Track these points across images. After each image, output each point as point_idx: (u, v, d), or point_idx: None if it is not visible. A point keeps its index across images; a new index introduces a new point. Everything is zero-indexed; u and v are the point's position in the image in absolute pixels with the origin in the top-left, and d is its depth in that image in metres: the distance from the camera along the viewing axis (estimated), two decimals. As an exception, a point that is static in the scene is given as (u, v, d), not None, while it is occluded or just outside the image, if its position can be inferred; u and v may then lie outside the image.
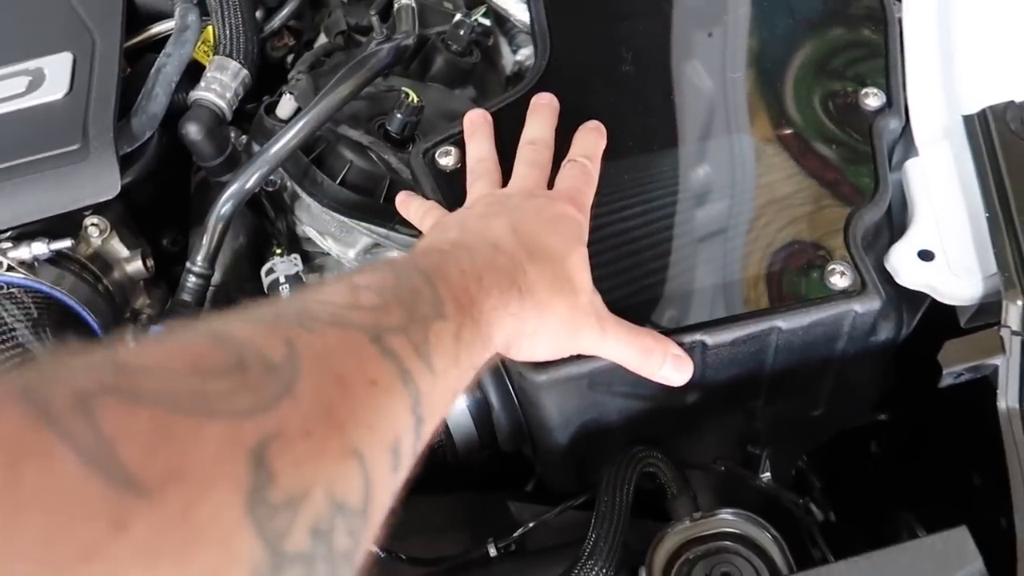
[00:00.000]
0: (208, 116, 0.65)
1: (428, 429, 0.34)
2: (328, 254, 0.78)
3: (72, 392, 0.23)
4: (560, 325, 0.47)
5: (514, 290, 0.44)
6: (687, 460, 0.60)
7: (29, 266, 0.58)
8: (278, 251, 0.75)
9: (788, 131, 0.60)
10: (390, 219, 0.72)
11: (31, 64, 0.62)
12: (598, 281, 0.52)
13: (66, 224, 0.62)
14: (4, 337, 0.54)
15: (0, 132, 0.59)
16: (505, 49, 0.98)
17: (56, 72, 0.61)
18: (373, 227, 0.72)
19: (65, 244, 0.58)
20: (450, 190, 0.58)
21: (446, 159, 0.59)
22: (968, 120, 0.59)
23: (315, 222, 0.74)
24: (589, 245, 0.52)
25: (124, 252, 0.67)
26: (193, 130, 0.64)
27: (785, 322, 0.53)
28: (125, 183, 0.58)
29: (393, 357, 0.33)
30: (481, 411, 0.58)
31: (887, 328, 0.58)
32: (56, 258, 0.60)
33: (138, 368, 0.25)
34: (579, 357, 0.51)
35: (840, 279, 0.53)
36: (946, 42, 0.62)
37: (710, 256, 0.56)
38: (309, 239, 0.77)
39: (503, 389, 0.57)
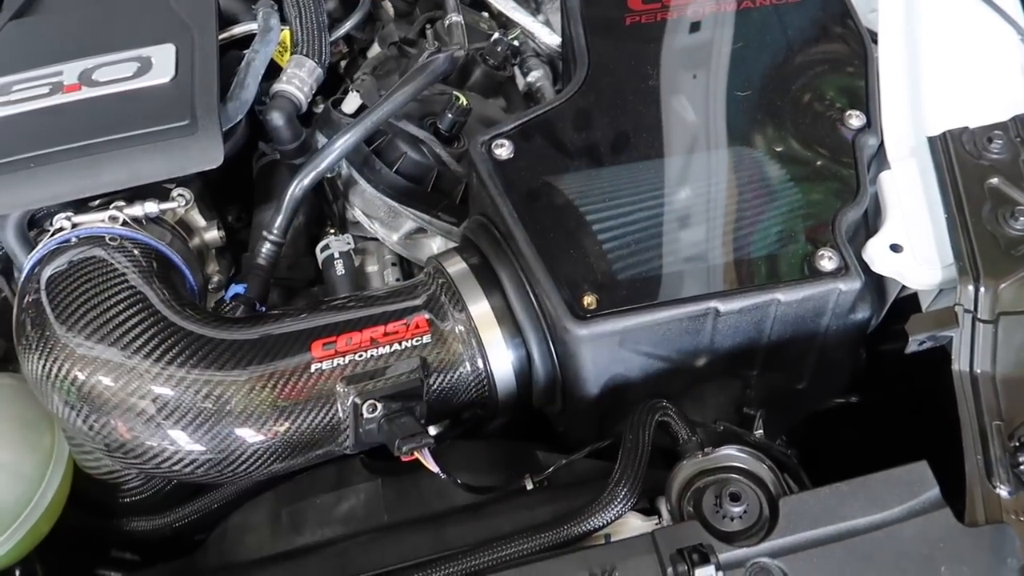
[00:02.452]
0: (289, 106, 0.75)
1: None
2: (373, 239, 0.87)
3: None
4: None
5: None
6: (692, 420, 0.70)
7: (138, 223, 0.66)
8: (331, 231, 0.84)
9: (785, 142, 0.71)
10: (434, 206, 0.83)
11: (138, 52, 0.71)
12: (626, 258, 0.63)
13: (157, 193, 0.71)
14: (119, 281, 0.62)
15: (116, 108, 0.67)
16: (517, 71, 1.10)
17: (162, 60, 0.70)
18: (419, 212, 0.83)
19: (172, 205, 0.67)
20: (503, 176, 0.68)
21: (500, 150, 0.69)
22: (932, 141, 0.71)
23: (367, 206, 0.84)
24: (621, 227, 0.63)
25: (202, 222, 0.75)
26: (276, 116, 0.74)
27: (784, 295, 0.64)
28: (220, 157, 0.67)
29: None
30: (522, 369, 0.68)
31: (864, 308, 0.69)
32: (154, 220, 0.69)
33: None
34: (616, 314, 0.61)
35: (828, 263, 0.64)
36: (914, 77, 0.75)
37: (719, 241, 0.67)
38: (357, 224, 0.86)
39: (544, 348, 0.66)
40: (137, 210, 0.66)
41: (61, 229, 0.64)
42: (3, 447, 0.61)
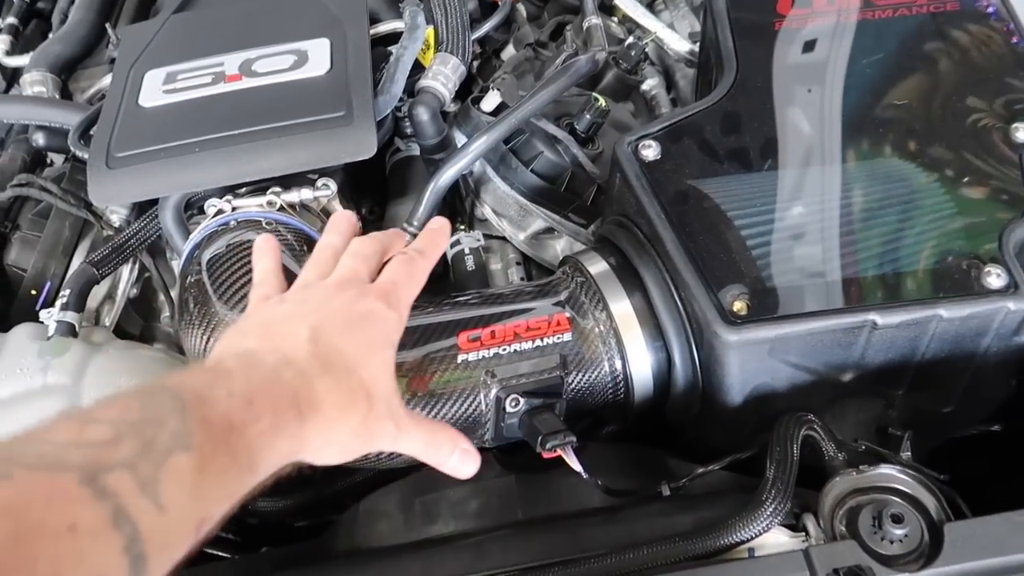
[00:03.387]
0: (434, 101, 0.76)
1: (156, 565, 0.34)
2: (499, 237, 0.88)
3: None
4: (351, 436, 0.48)
5: (292, 411, 0.44)
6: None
7: (293, 209, 0.68)
8: (462, 227, 0.85)
9: (945, 155, 0.68)
10: (565, 207, 0.82)
11: (295, 45, 0.73)
12: (777, 265, 0.62)
13: (304, 182, 0.73)
14: (274, 264, 0.64)
15: (274, 98, 0.70)
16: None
17: (317, 53, 0.73)
18: (550, 212, 0.82)
19: (322, 193, 0.69)
20: (649, 177, 0.68)
21: (647, 151, 0.69)
22: (1107, 157, 0.67)
23: (498, 204, 0.84)
24: (771, 234, 0.60)
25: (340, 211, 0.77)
26: (422, 111, 0.75)
27: (947, 311, 0.60)
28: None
29: (105, 496, 0.32)
30: (661, 373, 0.67)
31: (1028, 330, 0.65)
32: (304, 207, 0.71)
33: None
34: (769, 321, 0.59)
35: (996, 280, 0.61)
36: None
37: (875, 252, 0.64)
38: (485, 221, 0.87)
39: (687, 353, 0.65)
40: (293, 196, 0.68)
41: (221, 212, 0.67)
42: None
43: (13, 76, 1.00)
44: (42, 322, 0.67)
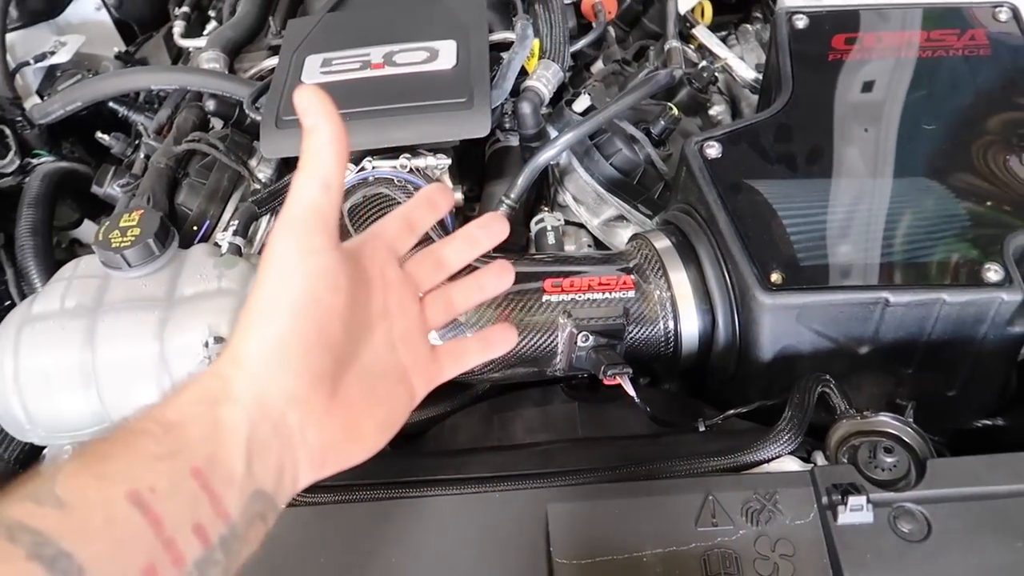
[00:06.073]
0: (536, 98, 0.92)
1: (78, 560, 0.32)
2: (575, 223, 1.03)
3: None
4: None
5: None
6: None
7: (418, 172, 0.84)
8: (545, 208, 1.01)
9: (964, 172, 0.81)
10: (635, 198, 0.97)
11: (427, 44, 0.90)
12: (810, 249, 0.75)
13: (425, 155, 0.89)
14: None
15: (410, 84, 0.86)
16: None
17: (446, 51, 0.89)
18: (622, 201, 0.97)
19: (446, 162, 0.85)
20: (711, 171, 0.82)
21: (710, 150, 0.83)
22: (1105, 186, 0.79)
23: (578, 192, 1.00)
24: (808, 226, 0.75)
25: (451, 184, 0.93)
26: (526, 106, 0.91)
27: (949, 296, 0.73)
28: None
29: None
30: (706, 333, 0.80)
31: (1021, 324, 0.77)
32: (425, 173, 0.87)
33: None
34: (798, 290, 0.73)
35: (993, 275, 0.74)
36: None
37: (893, 245, 0.77)
38: (566, 207, 1.02)
39: (729, 316, 0.79)
40: (419, 162, 0.84)
41: (363, 168, 0.83)
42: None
43: (178, 54, 1.21)
44: (217, 244, 0.84)
